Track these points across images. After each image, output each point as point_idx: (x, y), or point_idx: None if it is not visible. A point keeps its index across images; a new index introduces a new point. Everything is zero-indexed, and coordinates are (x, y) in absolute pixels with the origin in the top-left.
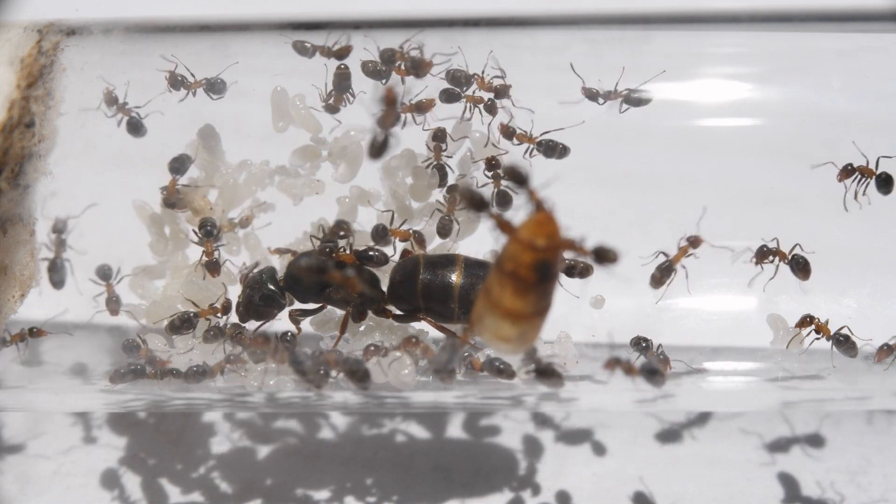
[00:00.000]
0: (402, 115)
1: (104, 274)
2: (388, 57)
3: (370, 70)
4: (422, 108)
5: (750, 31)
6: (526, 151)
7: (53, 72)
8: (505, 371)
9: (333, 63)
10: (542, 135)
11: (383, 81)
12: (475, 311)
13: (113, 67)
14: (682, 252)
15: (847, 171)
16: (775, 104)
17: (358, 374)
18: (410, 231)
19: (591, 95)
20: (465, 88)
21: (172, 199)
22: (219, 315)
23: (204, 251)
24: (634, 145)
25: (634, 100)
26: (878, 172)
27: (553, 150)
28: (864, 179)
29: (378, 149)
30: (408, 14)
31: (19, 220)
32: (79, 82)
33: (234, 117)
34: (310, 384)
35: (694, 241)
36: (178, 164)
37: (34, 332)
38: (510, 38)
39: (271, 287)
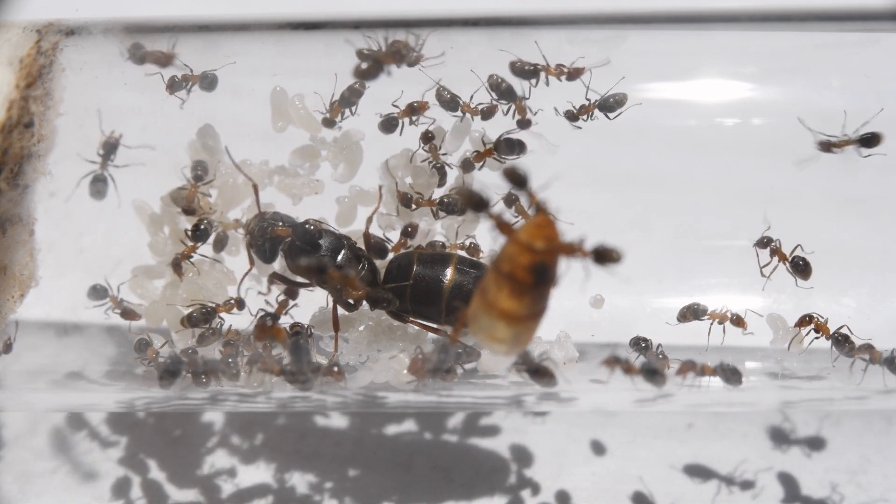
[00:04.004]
0: (399, 120)
1: (98, 294)
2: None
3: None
4: (416, 110)
5: (750, 31)
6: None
7: (52, 72)
8: (449, 371)
9: (342, 71)
10: (498, 137)
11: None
12: (469, 310)
13: (112, 67)
14: (783, 257)
15: (762, 243)
16: (775, 104)
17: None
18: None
19: (572, 117)
20: (454, 113)
21: (193, 206)
22: (234, 311)
23: (184, 250)
24: (634, 145)
25: (609, 106)
26: (793, 258)
27: (512, 147)
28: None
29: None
30: (408, 14)
31: (19, 221)
32: (78, 82)
33: (234, 117)
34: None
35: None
36: (202, 172)
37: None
38: (510, 37)
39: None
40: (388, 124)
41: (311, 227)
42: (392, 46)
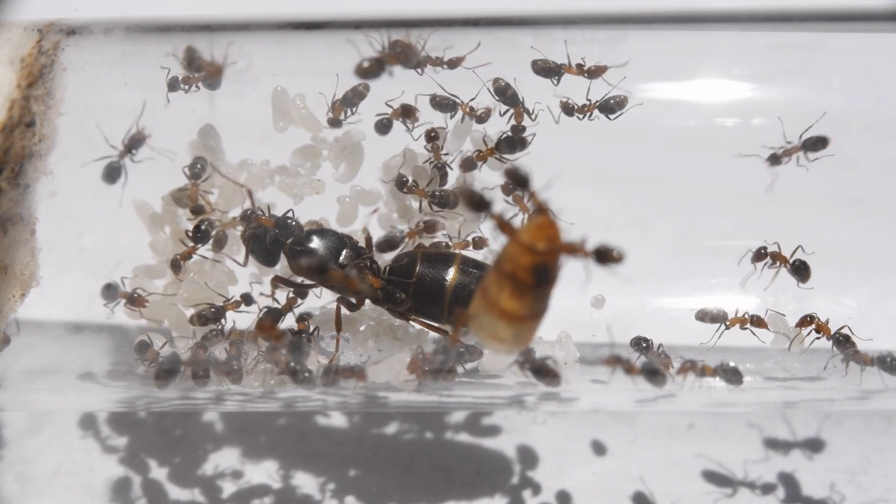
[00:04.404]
0: (393, 121)
1: (111, 292)
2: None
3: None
4: (408, 113)
5: (750, 30)
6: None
7: (54, 71)
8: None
9: (343, 71)
10: (499, 137)
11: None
12: (471, 309)
13: (112, 67)
14: (783, 260)
15: (760, 256)
16: (775, 104)
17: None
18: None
19: (568, 111)
20: (451, 115)
21: (199, 204)
22: (241, 308)
23: (184, 251)
24: (634, 145)
25: (609, 107)
26: (793, 261)
27: (513, 144)
28: (778, 266)
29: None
30: (408, 14)
31: (20, 220)
32: (79, 82)
33: (235, 117)
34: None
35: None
36: (199, 170)
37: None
38: (510, 37)
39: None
40: (382, 126)
41: (291, 219)
42: (395, 47)
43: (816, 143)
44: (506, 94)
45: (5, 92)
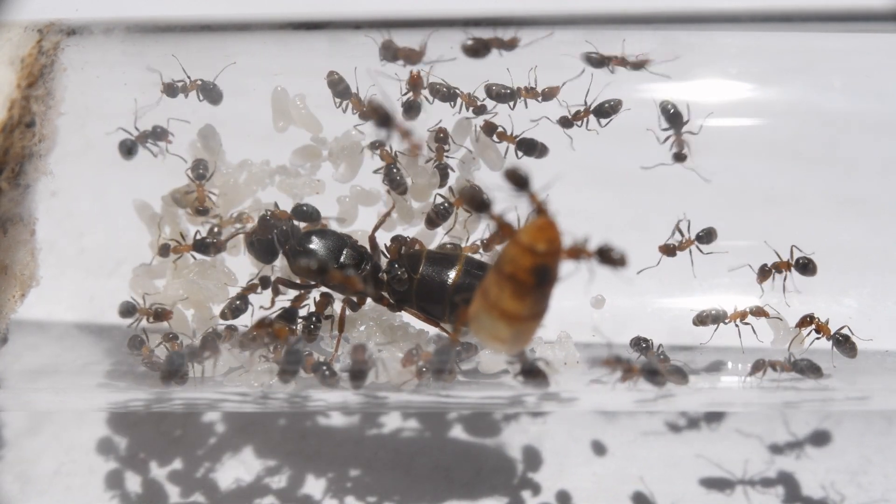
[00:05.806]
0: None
1: (128, 311)
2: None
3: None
4: (415, 85)
5: (750, 31)
6: (505, 152)
7: (54, 71)
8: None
9: (344, 72)
10: (521, 134)
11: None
12: (471, 310)
13: (112, 67)
14: (787, 266)
15: (765, 273)
16: (775, 104)
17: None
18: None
19: (566, 123)
20: (452, 104)
21: (206, 206)
22: (258, 292)
23: (178, 247)
24: (634, 145)
25: (604, 111)
26: (795, 259)
27: (532, 148)
28: (784, 273)
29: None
30: (408, 14)
31: (19, 220)
32: (79, 82)
33: (235, 117)
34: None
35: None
36: (203, 171)
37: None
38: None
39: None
40: (410, 108)
41: (306, 206)
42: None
43: (706, 238)
44: (491, 93)
45: (5, 92)
